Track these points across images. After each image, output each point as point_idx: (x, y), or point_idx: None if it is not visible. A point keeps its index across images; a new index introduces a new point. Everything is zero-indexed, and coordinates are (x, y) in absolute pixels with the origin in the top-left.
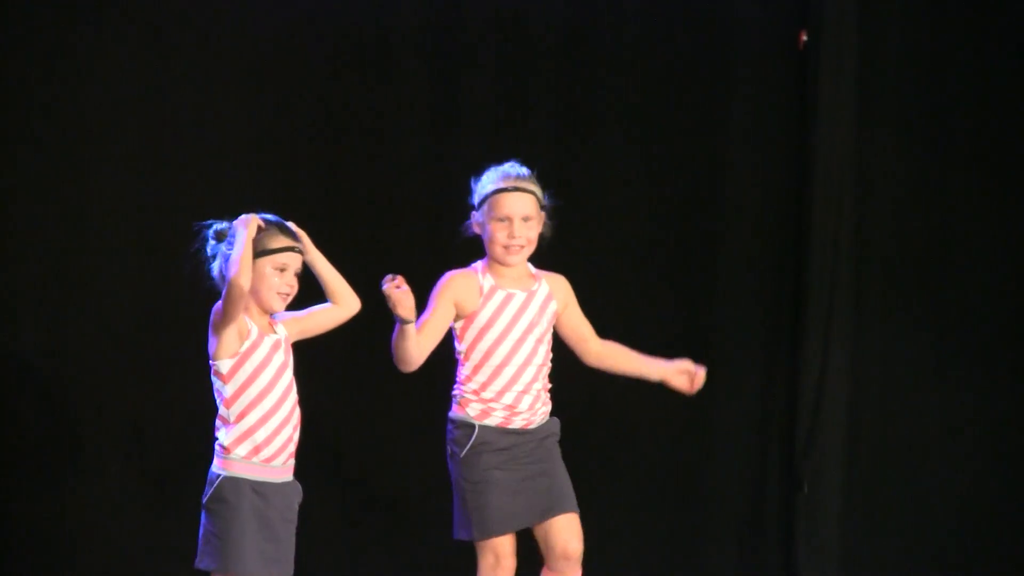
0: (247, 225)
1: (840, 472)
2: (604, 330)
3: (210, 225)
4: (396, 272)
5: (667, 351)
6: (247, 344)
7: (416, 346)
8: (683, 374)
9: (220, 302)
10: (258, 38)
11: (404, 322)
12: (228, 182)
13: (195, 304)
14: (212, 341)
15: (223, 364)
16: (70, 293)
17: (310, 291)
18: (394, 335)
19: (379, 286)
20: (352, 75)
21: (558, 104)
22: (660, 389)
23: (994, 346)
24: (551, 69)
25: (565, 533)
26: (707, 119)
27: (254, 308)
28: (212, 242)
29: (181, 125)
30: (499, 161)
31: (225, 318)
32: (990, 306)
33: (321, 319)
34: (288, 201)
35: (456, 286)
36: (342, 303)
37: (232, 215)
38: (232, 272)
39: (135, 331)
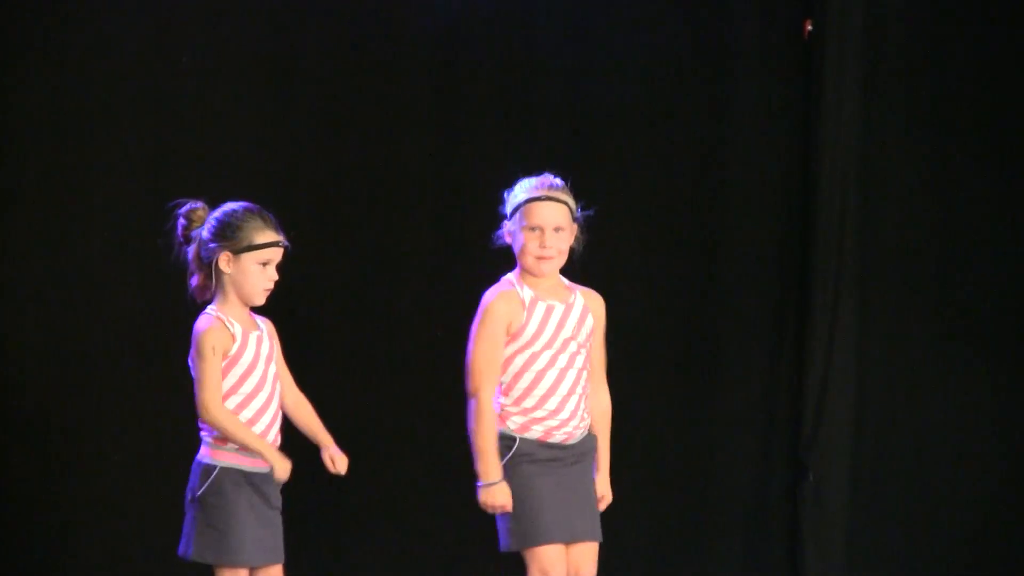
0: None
1: (845, 466)
2: (609, 325)
3: (183, 204)
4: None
5: (673, 344)
6: (234, 349)
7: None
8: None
9: (196, 359)
10: (261, 38)
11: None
12: (231, 183)
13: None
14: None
15: None
16: (70, 289)
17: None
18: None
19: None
20: (356, 78)
21: (559, 101)
22: (664, 382)
23: (1000, 340)
24: (552, 67)
25: (589, 563)
26: (711, 111)
27: (236, 304)
28: (183, 223)
29: (185, 126)
30: (501, 161)
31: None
32: (996, 300)
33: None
34: (291, 203)
35: (501, 311)
36: (292, 414)
37: None
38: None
39: (135, 328)
